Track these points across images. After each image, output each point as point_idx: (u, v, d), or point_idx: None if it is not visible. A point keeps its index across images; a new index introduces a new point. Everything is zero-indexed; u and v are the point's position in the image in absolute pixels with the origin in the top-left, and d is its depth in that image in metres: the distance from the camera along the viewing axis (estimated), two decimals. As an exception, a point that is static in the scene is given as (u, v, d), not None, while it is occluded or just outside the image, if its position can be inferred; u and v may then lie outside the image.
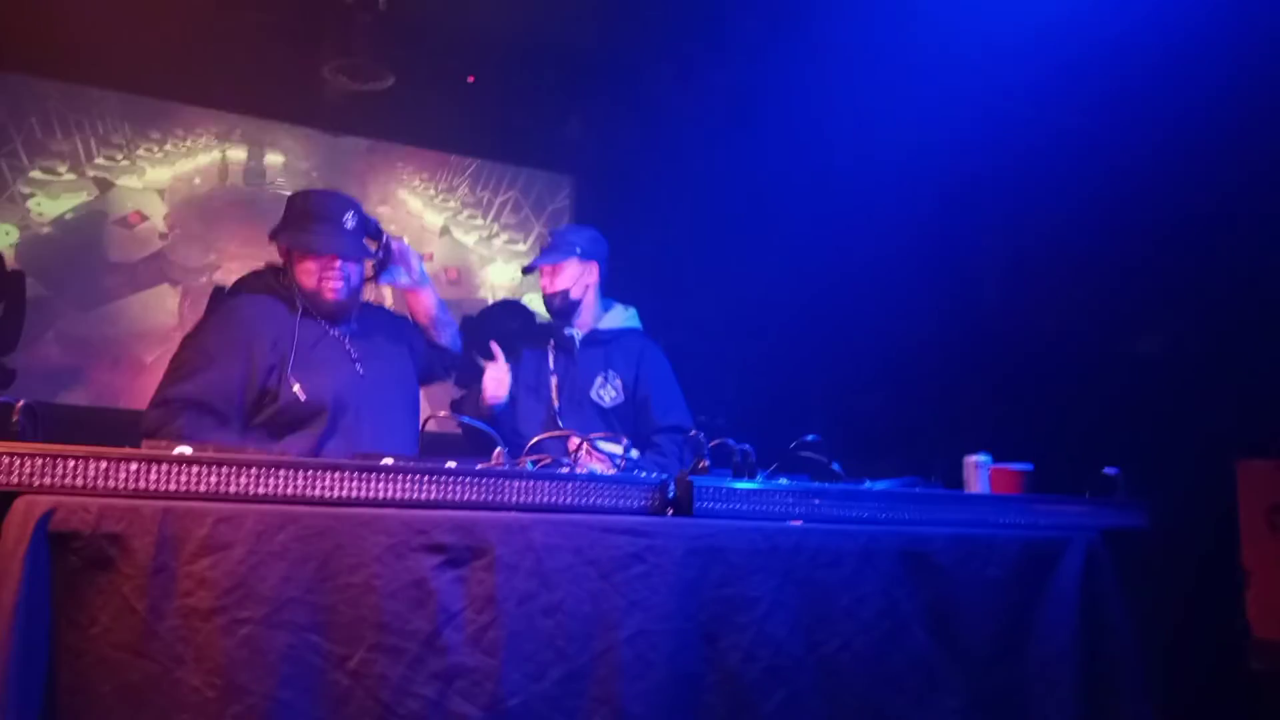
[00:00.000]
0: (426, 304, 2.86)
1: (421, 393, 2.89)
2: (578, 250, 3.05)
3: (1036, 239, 3.56)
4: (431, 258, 5.19)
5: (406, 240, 2.81)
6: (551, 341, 3.12)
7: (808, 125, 4.31)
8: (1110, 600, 2.15)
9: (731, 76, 4.35)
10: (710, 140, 4.69)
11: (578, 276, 3.06)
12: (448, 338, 2.92)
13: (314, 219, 2.54)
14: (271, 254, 2.69)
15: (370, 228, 2.63)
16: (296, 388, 2.39)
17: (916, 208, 3.92)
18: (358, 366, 2.55)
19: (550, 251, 3.08)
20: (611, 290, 3.27)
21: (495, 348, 2.94)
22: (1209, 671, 2.90)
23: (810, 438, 2.25)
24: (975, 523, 2.18)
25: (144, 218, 4.67)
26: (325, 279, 2.53)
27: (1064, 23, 3.26)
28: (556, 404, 3.01)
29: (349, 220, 2.56)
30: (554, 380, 3.05)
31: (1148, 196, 3.17)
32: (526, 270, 3.21)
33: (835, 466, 2.23)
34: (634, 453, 2.59)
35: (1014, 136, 3.51)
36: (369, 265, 2.67)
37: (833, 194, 4.19)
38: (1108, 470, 2.37)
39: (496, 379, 2.90)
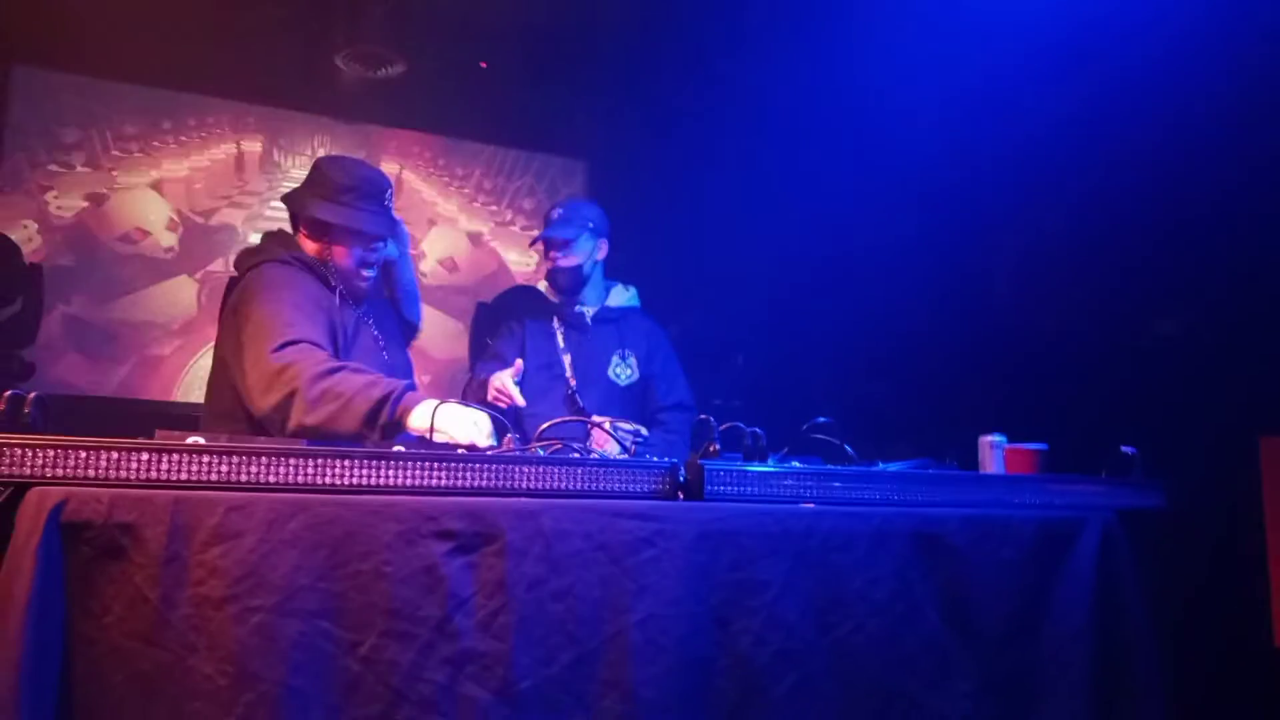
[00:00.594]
0: (404, 276, 2.82)
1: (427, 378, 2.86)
2: (590, 225, 3.02)
3: (1053, 217, 3.53)
4: (419, 244, 5.21)
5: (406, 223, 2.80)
6: (557, 318, 3.08)
7: (817, 112, 4.29)
8: (1126, 581, 2.12)
9: (743, 63, 4.33)
10: (722, 126, 4.68)
11: (589, 252, 3.03)
12: (414, 311, 2.88)
13: (359, 195, 2.42)
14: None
15: None
16: None
17: (928, 191, 3.89)
18: (384, 354, 2.53)
19: (564, 225, 3.00)
20: (622, 272, 3.26)
21: (519, 365, 2.77)
22: (1225, 653, 2.87)
23: (822, 420, 2.23)
24: (989, 503, 2.14)
25: (160, 212, 4.70)
26: (366, 260, 2.47)
27: (1067, 10, 3.23)
28: (573, 383, 2.98)
29: (388, 198, 2.48)
30: (568, 359, 3.02)
31: (1164, 174, 3.13)
32: (535, 241, 3.12)
33: (848, 449, 2.21)
34: (644, 430, 2.58)
35: (1026, 120, 3.48)
36: None
37: (843, 178, 4.16)
38: (1124, 449, 2.33)
39: (504, 391, 2.74)
